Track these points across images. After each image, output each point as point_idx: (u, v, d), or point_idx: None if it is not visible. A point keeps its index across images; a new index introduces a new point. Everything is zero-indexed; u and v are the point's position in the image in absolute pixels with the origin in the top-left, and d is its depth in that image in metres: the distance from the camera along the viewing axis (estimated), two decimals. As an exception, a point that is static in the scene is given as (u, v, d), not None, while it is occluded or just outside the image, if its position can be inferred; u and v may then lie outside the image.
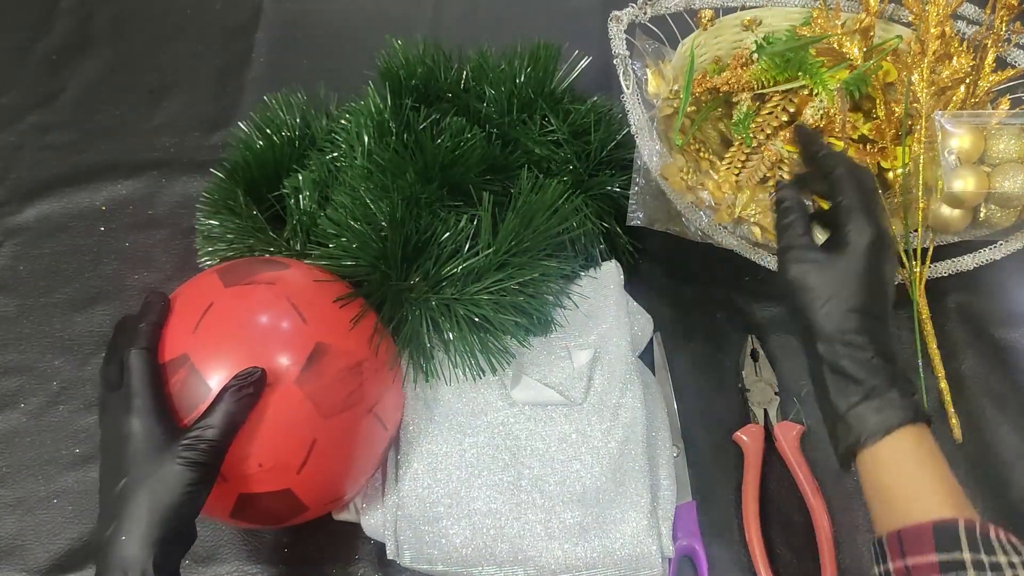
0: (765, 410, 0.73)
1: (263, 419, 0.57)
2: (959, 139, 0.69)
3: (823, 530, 0.68)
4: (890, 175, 0.76)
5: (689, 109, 0.76)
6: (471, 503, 0.66)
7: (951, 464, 0.72)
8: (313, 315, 0.60)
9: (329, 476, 0.61)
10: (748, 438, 0.72)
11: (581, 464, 0.66)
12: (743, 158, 0.75)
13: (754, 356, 0.76)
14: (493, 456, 0.67)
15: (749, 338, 0.77)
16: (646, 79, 0.76)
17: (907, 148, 0.74)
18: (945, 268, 0.75)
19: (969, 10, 0.78)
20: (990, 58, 0.74)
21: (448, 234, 0.67)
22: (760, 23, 0.78)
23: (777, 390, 0.75)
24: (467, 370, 0.66)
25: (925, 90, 0.73)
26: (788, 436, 0.72)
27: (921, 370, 0.70)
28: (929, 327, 0.71)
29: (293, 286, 0.62)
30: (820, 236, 0.63)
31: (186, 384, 0.57)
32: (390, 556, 0.67)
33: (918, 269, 0.72)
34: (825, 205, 0.75)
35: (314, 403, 0.57)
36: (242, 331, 0.58)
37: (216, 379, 0.56)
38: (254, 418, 0.56)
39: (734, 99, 0.75)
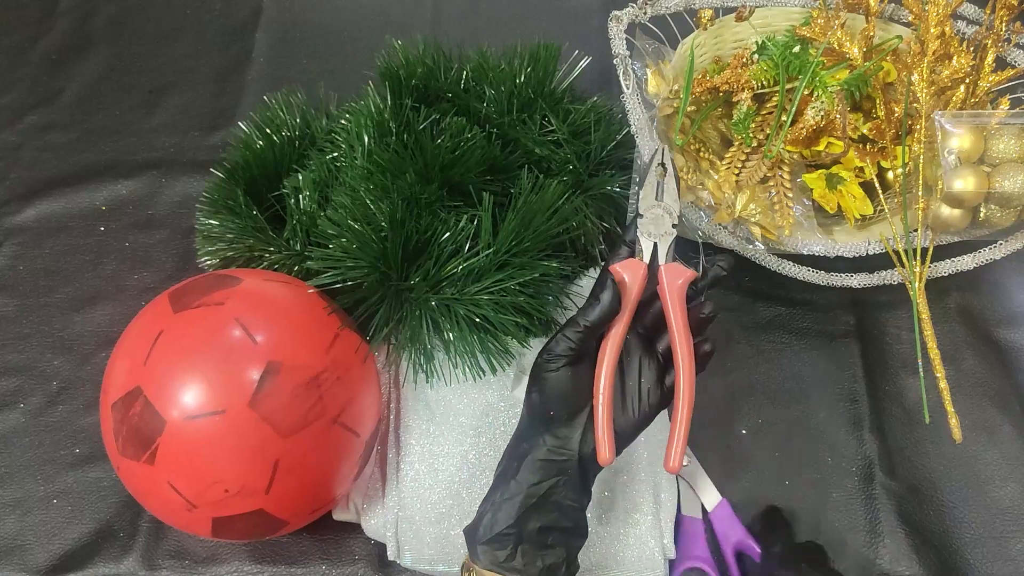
0: (655, 244, 0.59)
1: (221, 445, 0.56)
2: (959, 139, 0.69)
3: (685, 394, 0.56)
4: (890, 175, 0.76)
5: (689, 109, 0.76)
6: (472, 504, 0.66)
7: (951, 464, 0.72)
8: (264, 332, 0.59)
9: (301, 492, 0.61)
10: (627, 275, 0.57)
11: (581, 464, 0.66)
12: (743, 158, 0.75)
13: (662, 169, 0.61)
14: (494, 457, 0.67)
15: (661, 148, 0.61)
16: (646, 79, 0.76)
17: (907, 148, 0.74)
18: (945, 268, 0.75)
19: (969, 10, 0.78)
20: (990, 58, 0.74)
21: (448, 234, 0.67)
22: (753, 12, 0.78)
23: (676, 222, 0.59)
24: (468, 370, 0.66)
25: (925, 90, 0.73)
26: (675, 282, 0.57)
27: (921, 370, 0.70)
28: (929, 327, 0.71)
29: (243, 303, 0.61)
30: None
31: (142, 417, 0.56)
32: (391, 557, 0.67)
33: (918, 269, 0.71)
34: (826, 207, 0.76)
35: (271, 424, 0.57)
36: (190, 359, 0.57)
37: (169, 411, 0.56)
38: (212, 445, 0.56)
39: (734, 99, 0.75)
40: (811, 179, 0.75)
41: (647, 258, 0.58)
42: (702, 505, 0.71)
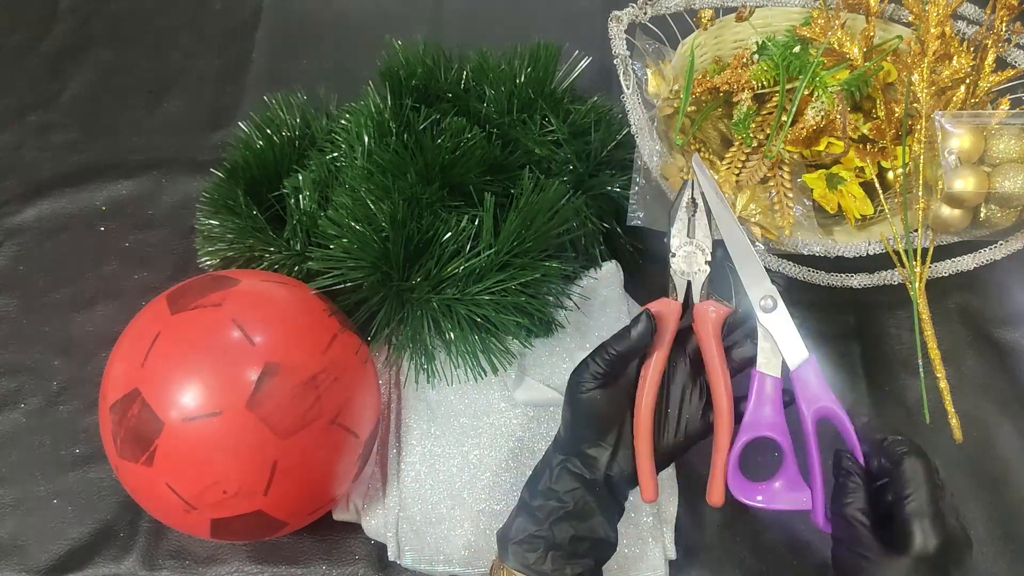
0: (688, 282, 0.59)
1: (219, 447, 0.56)
2: (959, 139, 0.69)
3: (723, 429, 0.57)
4: (890, 175, 0.76)
5: (689, 109, 0.76)
6: (473, 504, 0.66)
7: (951, 464, 0.72)
8: (262, 333, 0.59)
9: (299, 493, 0.61)
10: (662, 312, 0.58)
11: (582, 464, 0.66)
12: (743, 158, 0.75)
13: (692, 206, 0.60)
14: (495, 457, 0.67)
15: (691, 183, 0.60)
16: (646, 79, 0.76)
17: (907, 148, 0.74)
18: (945, 268, 0.75)
19: (969, 10, 0.78)
20: (990, 58, 0.74)
21: (449, 234, 0.67)
22: (753, 12, 0.78)
23: (709, 258, 0.59)
24: (469, 371, 0.66)
25: (925, 90, 0.73)
26: (709, 318, 0.57)
27: (921, 370, 0.70)
28: (929, 327, 0.71)
29: (241, 304, 0.61)
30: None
31: (140, 419, 0.56)
32: (391, 557, 0.66)
33: (918, 269, 0.72)
34: (826, 207, 0.76)
35: (269, 425, 0.57)
36: (188, 361, 0.57)
37: (167, 412, 0.56)
38: (210, 446, 0.56)
39: (734, 99, 0.75)
40: (811, 179, 0.75)
41: (681, 297, 0.58)
42: (783, 361, 0.59)
